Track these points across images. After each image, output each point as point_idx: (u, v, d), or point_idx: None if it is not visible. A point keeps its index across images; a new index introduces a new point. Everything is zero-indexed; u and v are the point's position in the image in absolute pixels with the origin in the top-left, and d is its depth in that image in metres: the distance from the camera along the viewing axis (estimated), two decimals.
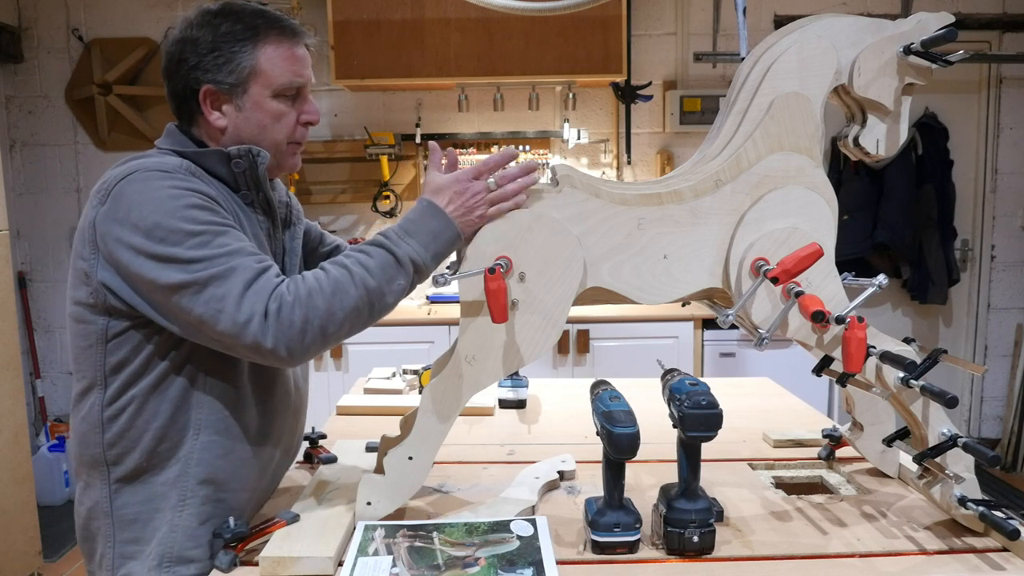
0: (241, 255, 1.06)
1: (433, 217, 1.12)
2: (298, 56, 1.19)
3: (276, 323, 1.02)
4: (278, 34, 1.17)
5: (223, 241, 1.06)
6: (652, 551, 1.11)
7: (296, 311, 1.03)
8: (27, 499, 2.72)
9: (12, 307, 2.69)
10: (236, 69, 1.15)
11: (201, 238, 1.05)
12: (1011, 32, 3.98)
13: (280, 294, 1.04)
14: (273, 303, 1.03)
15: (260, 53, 1.15)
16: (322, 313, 1.05)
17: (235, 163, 1.16)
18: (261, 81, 1.16)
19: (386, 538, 1.12)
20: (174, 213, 1.05)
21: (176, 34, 1.18)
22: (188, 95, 1.18)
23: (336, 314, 1.06)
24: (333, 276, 1.07)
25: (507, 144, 3.86)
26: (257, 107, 1.17)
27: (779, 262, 1.10)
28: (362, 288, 1.07)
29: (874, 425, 1.34)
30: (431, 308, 3.69)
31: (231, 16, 1.16)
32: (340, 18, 3.44)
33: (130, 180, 1.08)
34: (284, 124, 1.20)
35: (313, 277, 1.07)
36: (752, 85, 1.19)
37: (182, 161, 1.14)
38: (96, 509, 1.19)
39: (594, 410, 1.15)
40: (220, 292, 1.03)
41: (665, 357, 1.33)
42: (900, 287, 4.12)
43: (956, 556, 1.09)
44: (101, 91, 3.78)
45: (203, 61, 1.15)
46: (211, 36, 1.15)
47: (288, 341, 1.04)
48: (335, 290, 1.06)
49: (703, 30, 3.91)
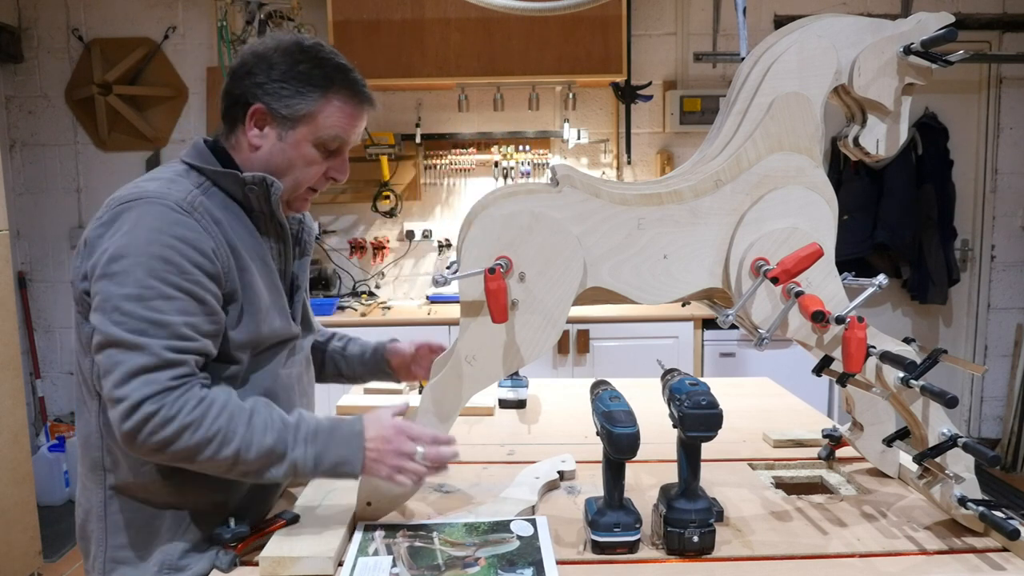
0: (162, 333, 1.03)
1: (350, 446, 1.11)
2: (355, 118, 1.20)
3: (140, 424, 1.01)
4: (347, 95, 1.18)
5: (160, 307, 1.04)
6: (652, 551, 1.11)
7: (165, 431, 1.01)
8: (27, 499, 2.72)
9: (12, 307, 2.69)
10: (295, 106, 1.16)
11: (143, 292, 1.03)
12: (1011, 32, 3.98)
13: (164, 402, 1.02)
14: (151, 405, 1.01)
15: (324, 103, 1.17)
16: (184, 450, 1.03)
17: (248, 188, 1.16)
18: (311, 127, 1.17)
19: (386, 538, 1.12)
20: (139, 255, 1.04)
21: (258, 47, 1.19)
22: (241, 103, 1.18)
23: (196, 459, 1.04)
24: (219, 424, 1.04)
25: (507, 144, 3.86)
26: (296, 146, 1.18)
27: (779, 262, 1.10)
28: (234, 455, 1.05)
29: (874, 425, 1.34)
30: (431, 308, 3.69)
31: (315, 60, 1.17)
32: (340, 18, 3.44)
33: (132, 205, 1.08)
34: (312, 171, 1.20)
35: (206, 407, 1.04)
36: (752, 85, 1.19)
37: (191, 190, 1.13)
38: (92, 512, 1.19)
39: (594, 410, 1.15)
40: (117, 358, 1.02)
41: (665, 357, 1.33)
42: (900, 287, 4.11)
43: (956, 556, 1.09)
44: (101, 91, 3.77)
45: (270, 84, 1.16)
46: (287, 68, 1.16)
47: (137, 446, 1.03)
48: (211, 438, 1.04)
49: (703, 30, 3.91)
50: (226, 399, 1.07)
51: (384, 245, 3.92)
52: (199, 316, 1.07)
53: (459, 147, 3.89)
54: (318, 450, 1.10)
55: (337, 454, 1.10)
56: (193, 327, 1.06)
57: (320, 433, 1.11)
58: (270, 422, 1.08)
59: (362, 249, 3.91)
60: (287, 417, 1.11)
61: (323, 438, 1.11)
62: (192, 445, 1.03)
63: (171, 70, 3.87)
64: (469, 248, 1.15)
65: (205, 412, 1.04)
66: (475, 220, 1.16)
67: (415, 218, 3.99)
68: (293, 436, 1.09)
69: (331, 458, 1.10)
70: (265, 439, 1.06)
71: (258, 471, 1.08)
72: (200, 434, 1.03)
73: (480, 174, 3.93)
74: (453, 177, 3.95)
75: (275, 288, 1.23)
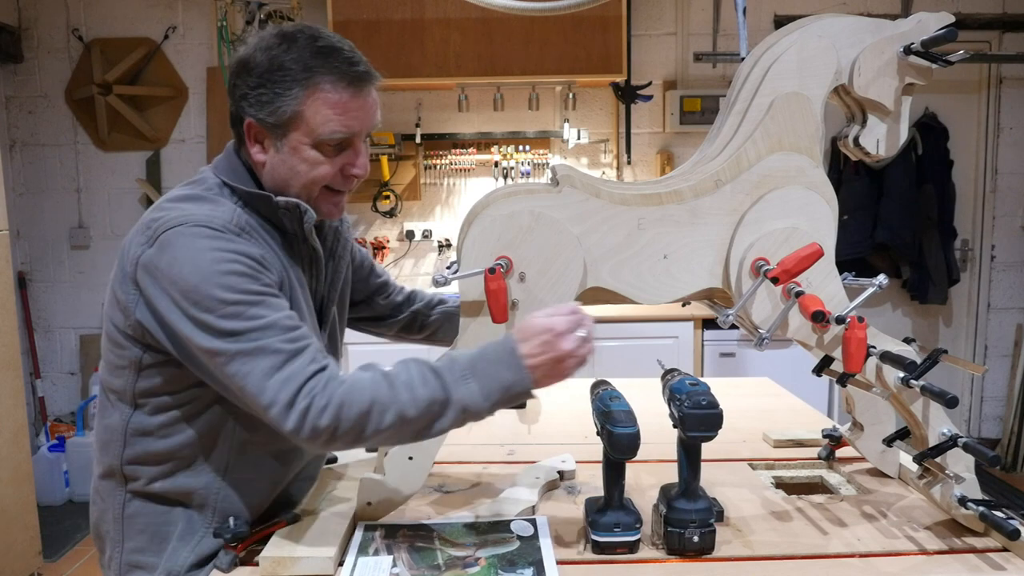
0: (273, 331, 1.01)
1: (511, 368, 1.03)
2: (351, 106, 1.10)
3: (302, 419, 0.99)
4: (333, 80, 1.08)
5: (257, 313, 1.02)
6: (652, 551, 1.11)
7: (325, 418, 0.99)
8: (27, 499, 2.71)
9: (12, 307, 2.68)
10: (277, 112, 1.08)
11: (235, 308, 1.01)
12: (1011, 32, 3.98)
13: (312, 391, 1.00)
14: (303, 399, 0.99)
15: (307, 99, 1.07)
16: (351, 428, 1.00)
17: (282, 212, 1.13)
18: (302, 129, 1.09)
19: (386, 538, 1.12)
20: (211, 278, 1.01)
21: (242, 50, 1.12)
22: (236, 120, 1.14)
23: (365, 434, 1.01)
24: (372, 393, 1.01)
25: (507, 144, 3.86)
26: (294, 152, 1.11)
27: (779, 262, 1.10)
28: (399, 417, 1.00)
29: (874, 425, 1.34)
30: None
31: (294, 47, 1.08)
32: (340, 18, 3.44)
33: (179, 232, 1.04)
34: (320, 173, 1.12)
35: (351, 385, 1.01)
36: (752, 85, 1.19)
37: (234, 211, 1.10)
38: (107, 514, 1.19)
39: (594, 410, 1.15)
40: (245, 369, 1.00)
41: (665, 357, 1.33)
42: (900, 287, 4.11)
43: (956, 556, 1.09)
44: (101, 91, 3.77)
45: (250, 94, 1.09)
46: (265, 65, 1.08)
47: (310, 439, 1.00)
48: (371, 409, 1.00)
49: (703, 30, 3.91)
50: (368, 374, 1.04)
51: (384, 245, 3.92)
52: (287, 310, 1.06)
53: (459, 147, 3.89)
54: (480, 383, 1.02)
55: (503, 380, 1.02)
56: (292, 318, 1.05)
57: (476, 365, 1.03)
58: (420, 376, 1.03)
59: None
60: (437, 365, 1.05)
61: (480, 369, 1.03)
62: (354, 423, 0.99)
63: (171, 70, 3.87)
64: (469, 248, 1.15)
65: (352, 388, 1.01)
66: (475, 220, 1.16)
67: (415, 218, 3.99)
68: (449, 380, 1.02)
69: (497, 385, 1.02)
70: (419, 393, 1.01)
71: (428, 426, 1.02)
72: (356, 410, 0.99)
73: (480, 174, 3.93)
74: (453, 177, 3.95)
75: (308, 308, 1.21)
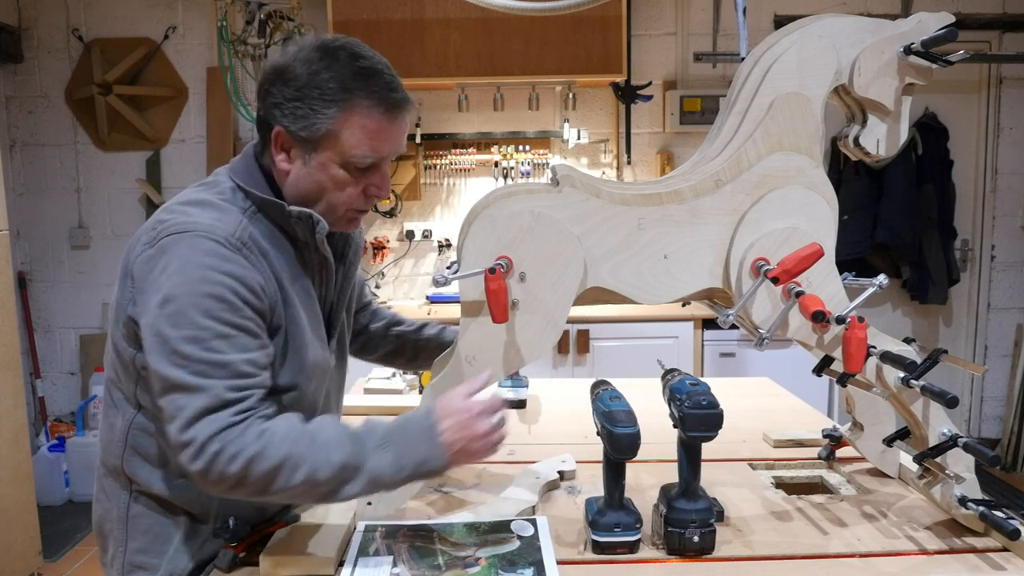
0: (223, 374, 1.00)
1: (428, 444, 1.03)
2: (385, 130, 1.10)
3: (210, 463, 0.98)
4: (370, 105, 1.08)
5: (219, 347, 1.01)
6: (652, 551, 1.11)
7: (234, 466, 0.97)
8: (27, 499, 2.71)
9: (12, 307, 2.68)
10: (311, 127, 1.07)
11: (200, 333, 1.00)
12: (1011, 32, 3.98)
13: (226, 438, 0.98)
14: (215, 443, 0.98)
15: (343, 120, 1.07)
16: (256, 482, 0.99)
17: (295, 221, 1.12)
18: (335, 148, 1.09)
19: (386, 538, 1.12)
20: (192, 295, 1.01)
21: (280, 57, 1.11)
22: (265, 126, 1.12)
23: (271, 489, 1.00)
24: (286, 449, 0.99)
25: (507, 144, 3.86)
26: (322, 169, 1.10)
27: (779, 262, 1.10)
28: (308, 477, 0.99)
29: (874, 425, 1.34)
30: (431, 308, 3.69)
31: (334, 65, 1.07)
32: (340, 18, 3.44)
33: (181, 238, 1.04)
34: (346, 194, 1.12)
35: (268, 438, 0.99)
36: (752, 85, 1.19)
37: (240, 221, 1.09)
38: (111, 513, 1.18)
39: (594, 410, 1.15)
40: (180, 402, 0.99)
41: (665, 357, 1.33)
42: (900, 287, 4.11)
43: (956, 556, 1.09)
44: (101, 91, 3.77)
45: (285, 105, 1.08)
46: (303, 82, 1.07)
47: (215, 484, 1.00)
48: (282, 465, 0.98)
49: (703, 30, 3.91)
50: (288, 426, 1.02)
51: (384, 245, 3.92)
52: (256, 351, 1.05)
53: (459, 147, 3.89)
54: (395, 455, 1.02)
55: (416, 454, 1.02)
56: (252, 363, 1.04)
57: (393, 436, 1.03)
58: (337, 438, 1.02)
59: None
60: (356, 429, 1.04)
61: (397, 441, 1.02)
62: (261, 477, 0.98)
63: (171, 70, 3.87)
64: (469, 248, 1.15)
65: (268, 442, 0.99)
66: (475, 220, 1.16)
67: (415, 218, 3.99)
68: (364, 447, 1.01)
69: (411, 460, 1.02)
70: (333, 456, 1.00)
71: (335, 490, 1.01)
72: (266, 464, 0.98)
73: (480, 174, 3.93)
74: (453, 177, 3.95)
75: (315, 317, 1.20)
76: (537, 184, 1.19)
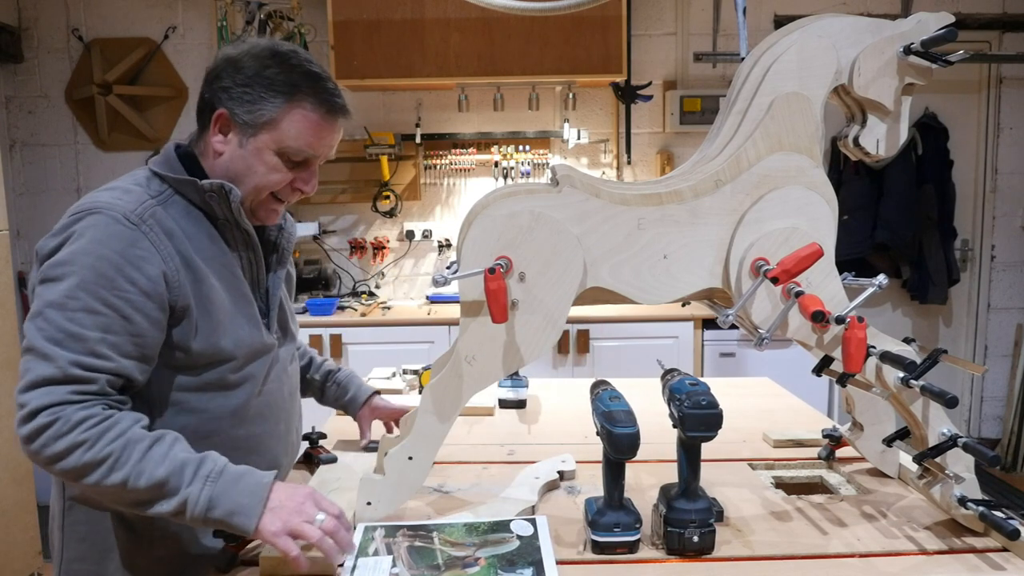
0: (75, 347, 1.01)
1: (252, 496, 1.02)
2: (322, 130, 1.17)
3: (34, 433, 0.99)
4: (314, 104, 1.15)
5: (80, 320, 1.01)
6: (652, 551, 1.11)
7: (56, 445, 0.99)
8: (27, 499, 2.72)
9: (12, 307, 2.69)
10: (255, 112, 1.14)
11: (67, 301, 1.02)
12: (1011, 32, 3.98)
13: (60, 415, 0.99)
14: (47, 416, 0.98)
15: (287, 111, 1.14)
16: (72, 469, 1.00)
17: (208, 195, 1.15)
18: (273, 135, 1.15)
19: (386, 538, 1.12)
20: (75, 265, 1.03)
21: (232, 50, 1.17)
22: (207, 108, 1.18)
23: (83, 480, 1.00)
24: (112, 448, 1.00)
25: (507, 144, 3.86)
26: (256, 154, 1.16)
27: (779, 262, 1.10)
28: (122, 482, 1.00)
29: (874, 425, 1.34)
30: (431, 308, 3.69)
31: (282, 65, 1.15)
32: (340, 18, 3.44)
33: (82, 217, 1.07)
34: (274, 178, 1.18)
35: (101, 429, 1.00)
36: (752, 85, 1.19)
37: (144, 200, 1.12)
38: (54, 520, 1.19)
39: (594, 410, 1.15)
40: (29, 365, 1.01)
41: (665, 357, 1.33)
42: (900, 287, 4.11)
43: (956, 556, 1.09)
44: (101, 91, 3.77)
45: (234, 89, 1.14)
46: (254, 72, 1.14)
47: (31, 454, 1.01)
48: (101, 461, 0.99)
49: (703, 30, 3.91)
50: (129, 425, 1.03)
51: (384, 245, 3.92)
52: (122, 336, 1.05)
53: (459, 147, 3.89)
54: (215, 492, 1.01)
55: (235, 501, 1.01)
56: (112, 346, 1.04)
57: (225, 476, 1.03)
58: (170, 455, 1.02)
59: (362, 249, 3.91)
60: (193, 454, 1.04)
61: (225, 482, 1.03)
62: (80, 465, 0.99)
63: (171, 70, 3.88)
64: (469, 248, 1.15)
65: (101, 433, 1.00)
66: (475, 220, 1.16)
67: (415, 218, 3.99)
68: (192, 472, 1.02)
69: (227, 504, 1.01)
70: (158, 470, 1.00)
71: (148, 502, 1.02)
72: (90, 455, 0.99)
73: (480, 174, 3.94)
74: (453, 177, 3.95)
75: (243, 297, 1.21)
76: (537, 184, 1.19)
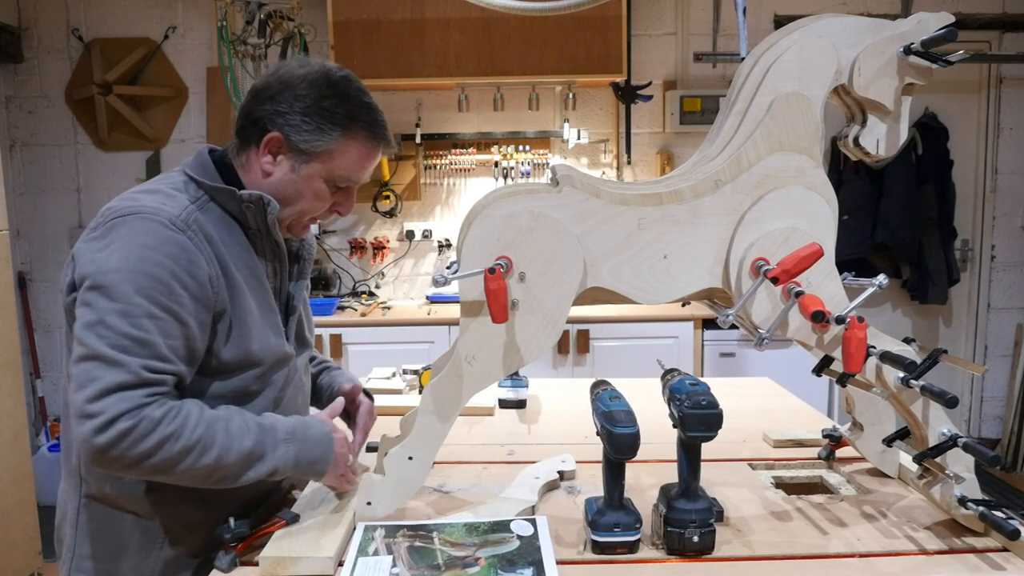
0: (144, 352, 1.02)
1: (323, 447, 1.17)
2: (369, 161, 1.21)
3: (116, 439, 0.99)
4: (367, 136, 1.18)
5: (145, 326, 1.03)
6: (652, 551, 1.11)
7: (144, 443, 1.00)
8: (27, 499, 2.71)
9: (12, 307, 2.68)
10: (313, 142, 1.15)
11: (131, 308, 1.02)
12: (1011, 32, 3.98)
13: (140, 416, 1.00)
14: (125, 421, 0.99)
15: (343, 144, 1.17)
16: (165, 461, 1.02)
17: (245, 206, 1.16)
18: (326, 165, 1.17)
19: (386, 538, 1.12)
20: (130, 271, 1.03)
21: (285, 73, 1.17)
22: (259, 127, 1.17)
23: (175, 469, 1.03)
24: (199, 433, 1.04)
25: (507, 144, 3.86)
26: (308, 180, 1.18)
27: (779, 262, 1.10)
28: (214, 461, 1.05)
29: (874, 425, 1.34)
30: (431, 308, 3.69)
31: (340, 97, 1.16)
32: (340, 18, 3.44)
33: (125, 220, 1.06)
34: (318, 205, 1.22)
35: (182, 420, 1.03)
36: (752, 85, 1.19)
37: (186, 206, 1.12)
38: (66, 519, 1.19)
39: (594, 410, 1.15)
40: (95, 373, 1.00)
41: (665, 357, 1.33)
42: (900, 287, 4.11)
43: (956, 556, 1.09)
44: (101, 91, 3.77)
45: (292, 115, 1.15)
46: (312, 101, 1.15)
47: (109, 460, 1.00)
48: (192, 447, 1.03)
49: (703, 30, 3.91)
50: (200, 410, 1.07)
51: (384, 245, 3.92)
52: (179, 339, 1.07)
53: (459, 147, 3.89)
54: (296, 450, 1.13)
55: (313, 453, 1.15)
56: (173, 349, 1.06)
57: (296, 433, 1.14)
58: (246, 426, 1.10)
59: (362, 249, 3.91)
60: (261, 420, 1.13)
61: (299, 438, 1.14)
62: (172, 456, 1.02)
63: (171, 70, 3.87)
64: (469, 248, 1.15)
65: (184, 423, 1.03)
66: (475, 220, 1.16)
67: (415, 218, 3.99)
68: (272, 437, 1.11)
69: (308, 457, 1.15)
70: (244, 443, 1.08)
71: (237, 474, 1.09)
72: (180, 444, 1.02)
73: (480, 174, 3.93)
74: (453, 177, 3.95)
75: (268, 306, 1.22)
76: (537, 184, 1.19)
